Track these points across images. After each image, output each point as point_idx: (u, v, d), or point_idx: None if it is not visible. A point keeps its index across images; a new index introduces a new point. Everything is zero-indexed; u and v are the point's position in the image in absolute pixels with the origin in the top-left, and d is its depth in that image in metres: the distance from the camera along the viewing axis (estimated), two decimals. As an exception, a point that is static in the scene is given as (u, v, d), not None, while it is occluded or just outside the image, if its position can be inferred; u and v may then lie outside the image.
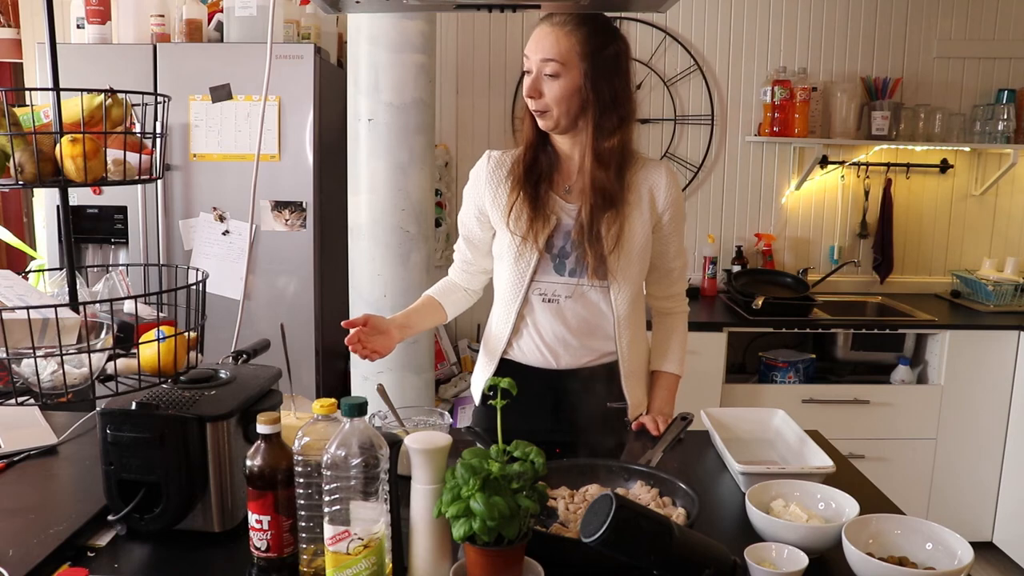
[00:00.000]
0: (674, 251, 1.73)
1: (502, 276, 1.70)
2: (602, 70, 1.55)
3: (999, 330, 3.01)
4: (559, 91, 1.54)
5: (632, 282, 1.66)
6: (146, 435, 1.17)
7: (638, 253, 1.65)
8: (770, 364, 3.17)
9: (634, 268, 1.65)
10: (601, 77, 1.55)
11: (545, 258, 1.64)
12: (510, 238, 1.64)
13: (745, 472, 1.38)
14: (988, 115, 3.37)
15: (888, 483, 1.61)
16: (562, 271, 1.64)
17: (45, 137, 1.21)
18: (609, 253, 1.60)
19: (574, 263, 1.63)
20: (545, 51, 1.53)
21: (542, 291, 1.65)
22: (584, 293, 1.65)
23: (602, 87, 1.55)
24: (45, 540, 1.15)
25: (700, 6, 3.42)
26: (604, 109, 1.56)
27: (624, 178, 1.62)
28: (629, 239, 1.63)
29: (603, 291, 1.65)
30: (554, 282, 1.65)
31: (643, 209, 1.64)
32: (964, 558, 1.08)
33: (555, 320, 1.66)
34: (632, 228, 1.63)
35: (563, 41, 1.53)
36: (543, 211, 1.62)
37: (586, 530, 1.02)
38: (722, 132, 3.52)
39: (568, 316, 1.65)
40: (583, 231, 1.60)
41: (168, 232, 2.83)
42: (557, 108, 1.55)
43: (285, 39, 2.82)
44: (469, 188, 1.72)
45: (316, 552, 1.07)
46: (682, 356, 1.78)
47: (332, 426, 1.02)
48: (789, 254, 3.60)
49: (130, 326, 1.30)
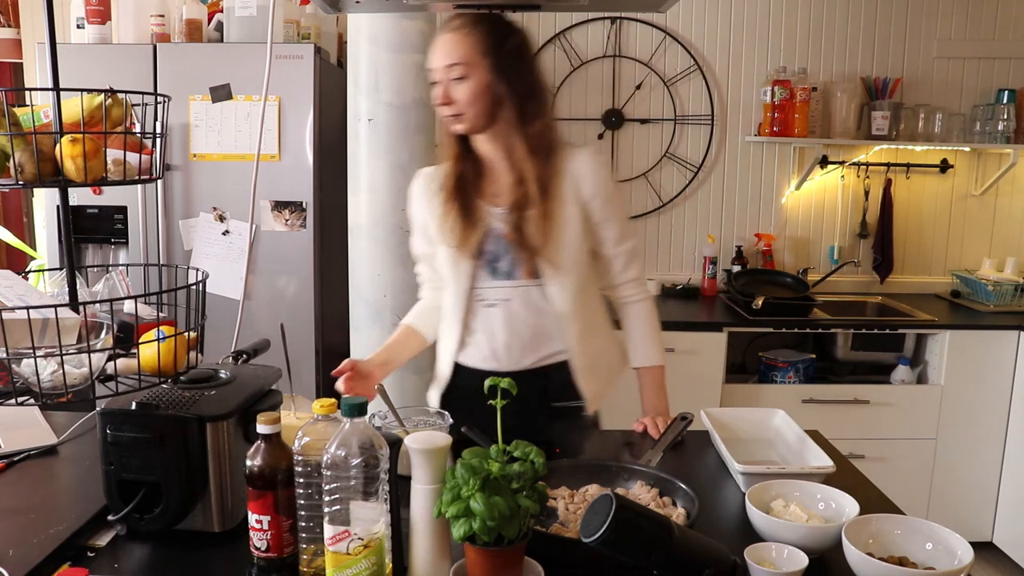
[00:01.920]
0: (614, 237, 1.69)
1: (446, 288, 1.73)
2: (508, 62, 1.57)
3: (999, 330, 3.01)
4: (469, 92, 1.56)
5: (570, 276, 1.65)
6: (146, 435, 1.17)
7: (571, 246, 1.63)
8: (770, 364, 3.17)
9: (568, 262, 1.64)
10: (509, 69, 1.57)
11: (479, 265, 1.65)
12: (445, 250, 1.67)
13: (745, 472, 1.38)
14: (988, 115, 3.37)
15: (888, 483, 1.61)
16: (498, 275, 1.65)
17: (45, 137, 1.21)
18: (540, 250, 1.60)
19: (508, 265, 1.64)
20: (447, 57, 1.55)
21: (483, 297, 1.67)
22: (524, 294, 1.65)
23: (512, 78, 1.57)
24: (45, 540, 1.15)
25: (700, 6, 3.42)
26: (520, 98, 1.58)
27: (552, 166, 1.62)
28: (558, 233, 1.61)
29: (541, 289, 1.65)
30: (493, 287, 1.66)
31: (570, 200, 1.63)
32: (964, 558, 1.08)
33: (500, 324, 1.66)
34: (561, 221, 1.61)
35: (462, 43, 1.55)
36: (472, 219, 1.64)
37: (586, 530, 1.02)
38: (722, 132, 3.52)
39: (512, 318, 1.66)
40: (512, 232, 1.61)
41: (168, 232, 2.83)
42: (471, 109, 1.57)
43: (285, 39, 2.82)
44: (409, 209, 1.77)
45: (316, 552, 1.07)
46: (657, 345, 1.74)
47: (332, 426, 1.02)
48: (789, 254, 3.60)
49: (130, 326, 1.30)
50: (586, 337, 1.69)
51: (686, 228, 3.59)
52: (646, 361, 1.74)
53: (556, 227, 1.61)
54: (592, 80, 3.46)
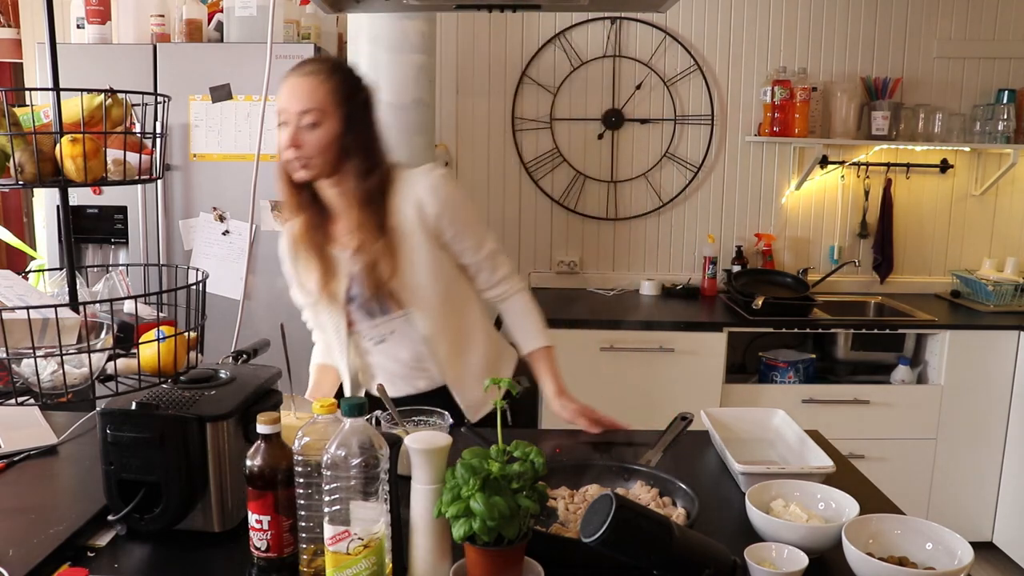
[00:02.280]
0: (473, 246, 1.72)
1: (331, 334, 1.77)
2: (358, 114, 1.61)
3: (999, 330, 3.01)
4: (321, 139, 1.57)
5: (431, 302, 1.70)
6: (146, 435, 1.17)
7: (423, 272, 1.67)
8: (770, 364, 3.17)
9: (427, 289, 1.68)
10: (358, 121, 1.61)
11: (353, 309, 1.71)
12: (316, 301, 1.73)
13: (745, 472, 1.38)
14: (988, 115, 3.37)
15: (888, 483, 1.61)
16: (374, 315, 1.71)
17: (45, 137, 1.21)
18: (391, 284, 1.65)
19: (378, 303, 1.69)
20: (302, 102, 1.55)
21: (369, 336, 1.73)
22: (402, 325, 1.71)
23: (359, 130, 1.61)
24: (45, 540, 1.15)
25: (700, 6, 3.42)
26: (364, 151, 1.61)
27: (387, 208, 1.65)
28: (407, 264, 1.66)
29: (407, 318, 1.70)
30: (375, 326, 1.72)
31: (415, 228, 1.65)
32: (964, 558, 1.08)
33: (391, 357, 1.74)
34: (408, 252, 1.65)
35: (319, 90, 1.56)
36: (330, 268, 1.69)
37: (586, 530, 1.02)
38: (722, 132, 3.52)
39: (401, 349, 1.73)
40: (364, 273, 1.65)
41: (168, 232, 2.82)
42: (319, 157, 1.58)
43: (285, 39, 2.82)
44: (283, 267, 1.79)
45: (316, 552, 1.07)
46: (539, 328, 1.77)
47: (332, 426, 1.02)
48: (789, 254, 3.60)
49: (130, 326, 1.30)
50: (457, 353, 1.75)
51: (686, 228, 3.59)
52: (534, 345, 1.76)
53: (403, 259, 1.65)
54: (592, 80, 3.46)
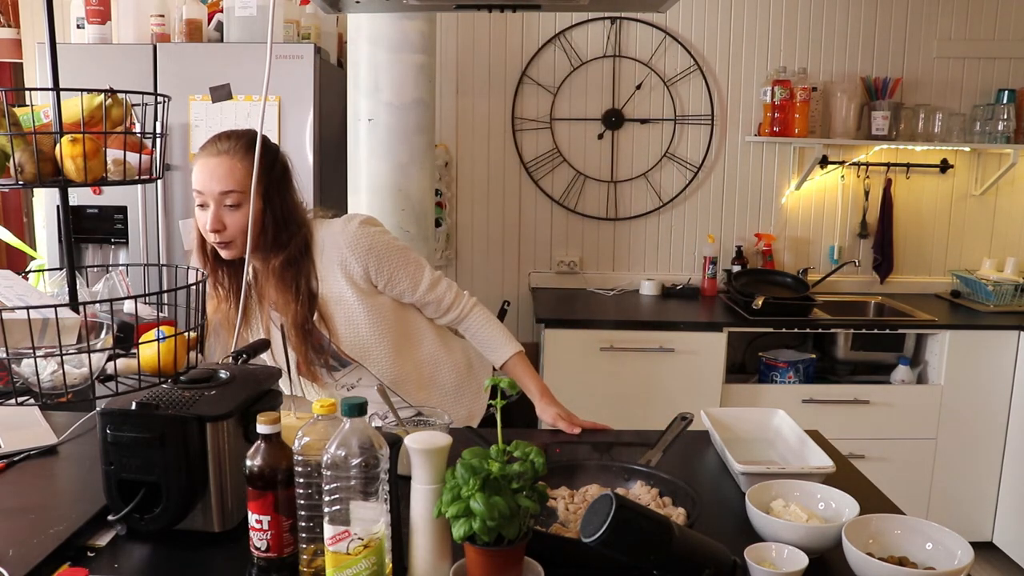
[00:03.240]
0: (411, 287, 1.71)
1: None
2: (276, 188, 1.58)
3: (999, 330, 3.01)
4: (243, 220, 1.54)
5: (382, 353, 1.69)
6: (146, 435, 1.17)
7: (368, 329, 1.66)
8: (770, 364, 3.17)
9: (374, 342, 1.67)
10: (276, 194, 1.58)
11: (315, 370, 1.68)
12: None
13: (745, 472, 1.38)
14: (988, 115, 3.37)
15: (888, 483, 1.61)
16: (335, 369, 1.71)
17: (45, 137, 1.21)
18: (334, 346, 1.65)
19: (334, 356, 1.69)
20: (223, 183, 1.53)
21: (342, 384, 1.74)
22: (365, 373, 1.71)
23: (277, 204, 1.58)
24: (45, 540, 1.15)
25: (700, 6, 3.42)
26: (281, 225, 1.59)
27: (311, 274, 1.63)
28: (348, 325, 1.65)
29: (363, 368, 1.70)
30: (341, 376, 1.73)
31: (344, 288, 1.64)
32: (964, 558, 1.08)
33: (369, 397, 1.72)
34: (345, 314, 1.64)
35: (238, 169, 1.53)
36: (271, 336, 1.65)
37: (586, 530, 1.02)
38: (722, 132, 3.52)
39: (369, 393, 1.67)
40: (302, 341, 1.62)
41: (168, 232, 2.82)
42: (242, 236, 1.55)
43: (285, 39, 2.82)
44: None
45: (316, 552, 1.07)
46: (503, 337, 1.78)
47: (332, 426, 1.02)
48: (789, 254, 3.60)
49: (130, 326, 1.30)
50: (425, 383, 1.74)
51: (686, 228, 3.59)
52: (504, 355, 1.76)
53: (339, 323, 1.64)
54: (592, 80, 3.46)
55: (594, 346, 2.97)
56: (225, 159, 1.54)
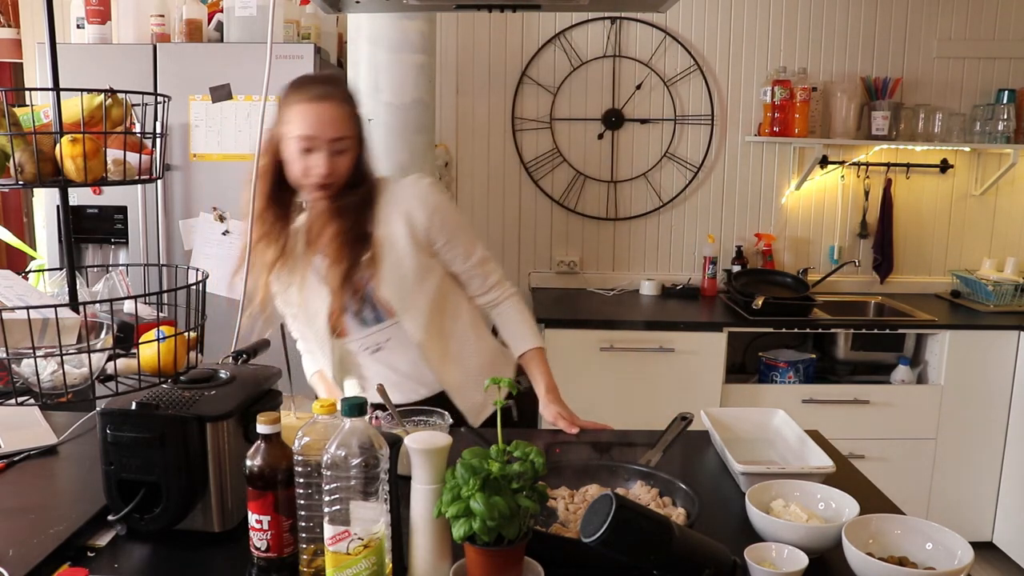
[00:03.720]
0: (463, 254, 1.74)
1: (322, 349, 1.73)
2: (365, 135, 1.64)
3: (999, 330, 3.01)
4: (348, 164, 1.59)
5: (420, 310, 1.68)
6: (146, 435, 1.17)
7: (413, 281, 1.67)
8: (770, 364, 3.17)
9: (415, 296, 1.68)
10: (365, 140, 1.64)
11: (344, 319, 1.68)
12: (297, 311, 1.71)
13: (745, 472, 1.38)
14: (988, 115, 3.37)
15: (888, 483, 1.61)
16: (367, 323, 1.69)
17: (45, 137, 1.21)
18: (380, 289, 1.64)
19: (371, 311, 1.68)
20: (337, 129, 1.56)
21: (365, 346, 1.71)
22: (397, 331, 1.69)
23: (365, 149, 1.65)
24: (45, 540, 1.15)
25: (700, 6, 3.42)
26: (363, 169, 1.64)
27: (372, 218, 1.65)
28: (395, 272, 1.65)
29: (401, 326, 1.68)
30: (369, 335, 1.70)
31: (401, 235, 1.66)
32: (964, 558, 1.08)
33: (388, 364, 1.72)
34: (396, 261, 1.65)
35: (348, 118, 1.58)
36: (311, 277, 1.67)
37: (586, 530, 1.02)
38: (722, 132, 3.52)
39: (397, 357, 1.71)
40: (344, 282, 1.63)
41: (168, 232, 2.82)
42: (342, 179, 1.60)
43: (285, 39, 2.82)
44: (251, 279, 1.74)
45: (316, 552, 1.07)
46: (531, 330, 1.80)
47: (332, 426, 1.02)
48: (789, 254, 3.60)
49: (130, 326, 1.30)
50: (452, 359, 1.74)
51: (686, 228, 3.59)
52: (525, 347, 1.78)
53: (387, 268, 1.64)
54: (592, 80, 3.46)
55: (594, 346, 2.97)
56: (333, 105, 1.56)
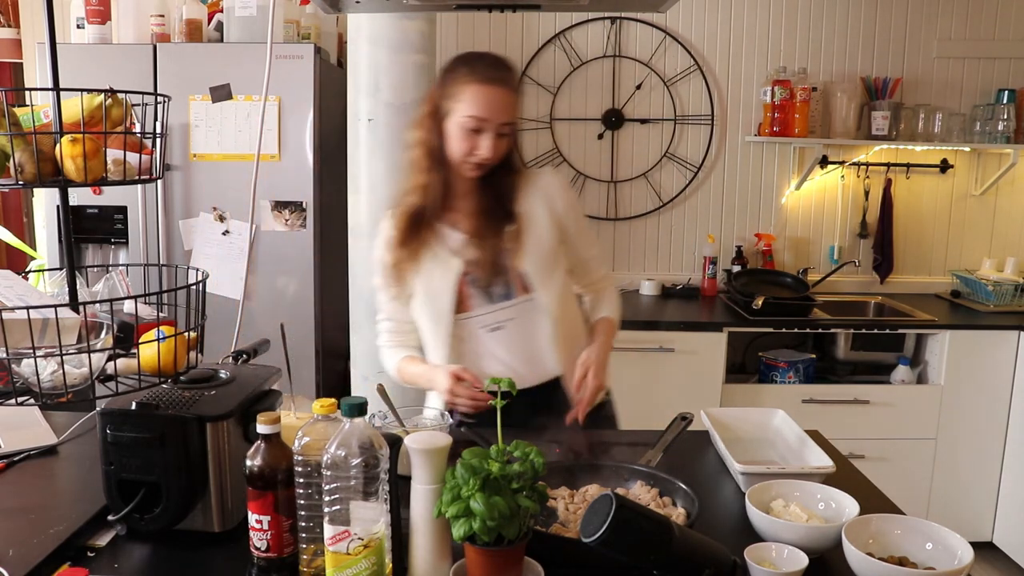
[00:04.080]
0: (587, 244, 1.82)
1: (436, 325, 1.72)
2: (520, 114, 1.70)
3: (999, 330, 3.01)
4: (507, 146, 1.65)
5: (556, 288, 1.71)
6: (146, 435, 1.17)
7: (548, 256, 1.71)
8: (770, 364, 3.17)
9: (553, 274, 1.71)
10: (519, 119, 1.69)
11: (472, 293, 1.69)
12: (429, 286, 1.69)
13: (745, 472, 1.38)
14: (988, 115, 3.37)
15: (888, 483, 1.61)
16: (495, 299, 1.70)
17: (45, 137, 1.21)
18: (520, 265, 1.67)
19: (503, 287, 1.69)
20: (507, 115, 1.61)
21: (484, 323, 1.70)
22: (523, 310, 1.70)
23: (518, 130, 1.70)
24: (45, 540, 1.15)
25: (700, 6, 3.42)
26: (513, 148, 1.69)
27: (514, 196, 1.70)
28: (535, 246, 1.69)
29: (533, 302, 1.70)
30: (494, 310, 1.69)
31: (542, 216, 1.71)
32: (964, 558, 1.08)
33: (508, 344, 1.71)
34: (536, 238, 1.69)
35: (516, 104, 1.64)
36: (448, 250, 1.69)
37: (586, 530, 1.02)
38: (722, 132, 3.52)
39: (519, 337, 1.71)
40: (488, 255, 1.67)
41: (168, 232, 2.82)
42: (497, 161, 1.65)
43: (285, 39, 2.82)
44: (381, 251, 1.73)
45: (316, 552, 1.07)
46: (615, 306, 1.84)
47: (332, 426, 1.02)
48: (789, 254, 3.60)
49: (130, 326, 1.30)
50: (571, 344, 1.74)
51: (686, 228, 3.59)
52: (603, 314, 1.82)
53: (531, 242, 1.68)
54: (592, 80, 3.46)
55: (594, 346, 2.96)
56: (508, 92, 1.61)
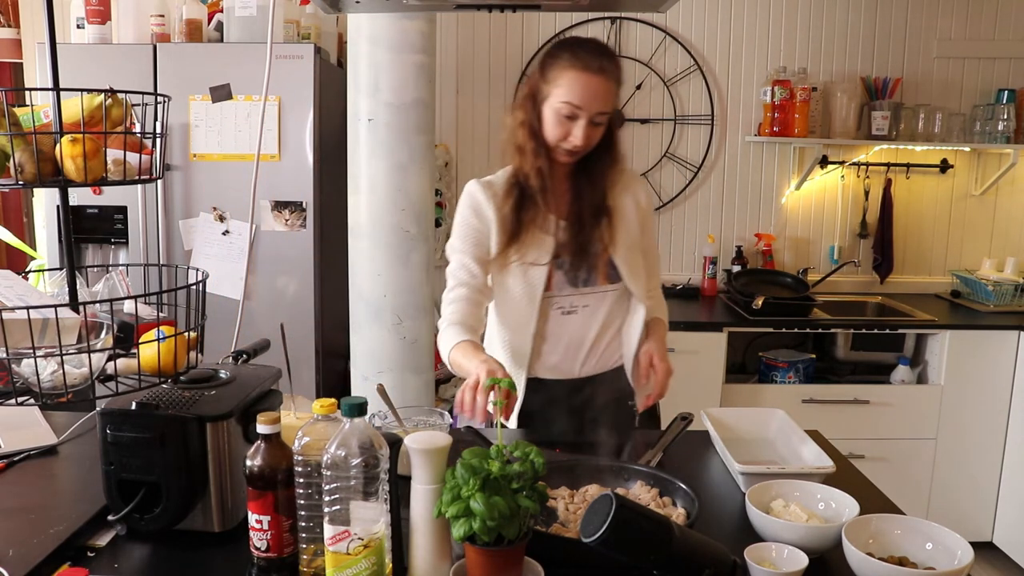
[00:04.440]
0: (652, 248, 1.86)
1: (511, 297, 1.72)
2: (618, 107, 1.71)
3: (999, 330, 3.01)
4: (600, 135, 1.64)
5: (640, 280, 1.75)
6: (146, 435, 1.17)
7: (635, 249, 1.75)
8: (770, 364, 3.17)
9: (638, 268, 1.75)
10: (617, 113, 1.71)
11: (558, 274, 1.70)
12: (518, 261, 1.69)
13: (745, 472, 1.38)
14: (988, 115, 3.37)
15: (888, 483, 1.61)
16: (578, 283, 1.71)
17: (45, 137, 1.21)
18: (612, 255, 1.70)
19: (587, 273, 1.71)
20: (603, 105, 1.59)
21: (560, 304, 1.71)
22: (602, 299, 1.73)
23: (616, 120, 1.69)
24: (45, 540, 1.15)
25: (700, 6, 3.42)
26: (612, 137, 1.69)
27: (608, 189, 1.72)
28: (627, 238, 1.73)
29: (617, 293, 1.74)
30: (573, 295, 1.71)
31: (631, 209, 1.75)
32: (964, 558, 1.08)
33: (579, 329, 1.72)
34: (626, 231, 1.73)
35: (614, 93, 1.61)
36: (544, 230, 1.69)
37: (586, 530, 1.02)
38: (722, 132, 3.52)
39: (592, 324, 1.73)
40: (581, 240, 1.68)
41: (168, 232, 2.82)
42: (591, 147, 1.64)
43: (285, 39, 2.82)
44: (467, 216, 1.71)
45: (316, 552, 1.07)
46: (665, 313, 1.86)
47: (332, 426, 1.02)
48: (789, 254, 3.60)
49: (130, 326, 1.30)
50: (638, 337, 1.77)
51: (686, 228, 3.59)
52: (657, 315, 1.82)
53: (623, 235, 1.72)
54: (592, 80, 3.45)
55: (594, 346, 2.96)
56: (605, 80, 1.58)
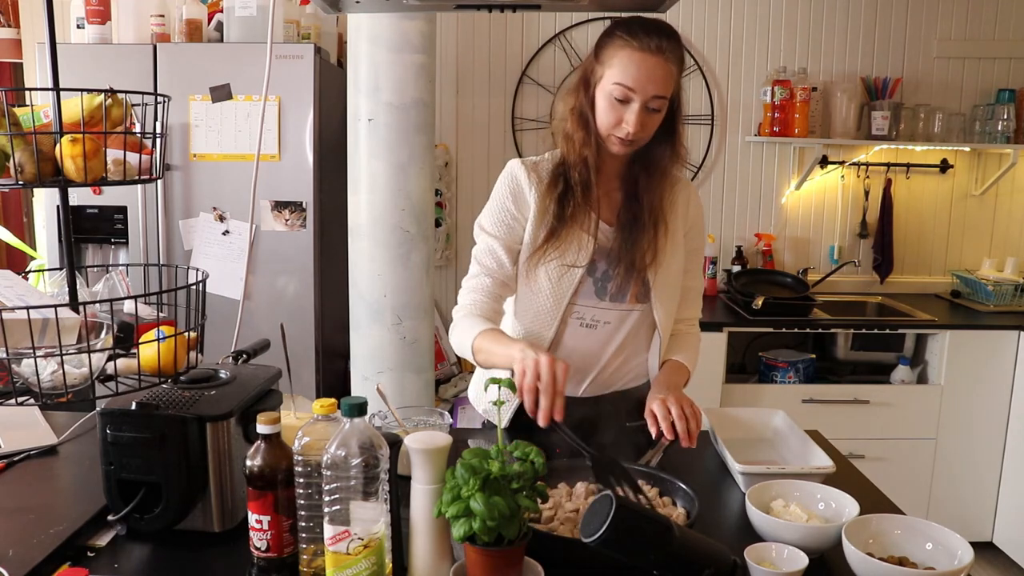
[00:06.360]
0: (695, 270, 1.68)
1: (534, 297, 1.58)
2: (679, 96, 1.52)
3: (999, 330, 3.01)
4: (656, 123, 1.48)
5: (670, 305, 1.60)
6: (146, 435, 1.17)
7: (675, 269, 1.60)
8: (770, 364, 3.17)
9: (673, 292, 1.61)
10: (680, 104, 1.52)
11: (587, 282, 1.56)
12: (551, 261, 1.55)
13: (745, 472, 1.38)
14: (988, 115, 3.37)
15: (888, 483, 1.61)
16: (604, 296, 1.57)
17: (45, 137, 1.21)
18: (649, 270, 1.54)
19: (616, 288, 1.56)
20: (659, 88, 1.43)
21: (582, 315, 1.57)
22: (625, 318, 1.58)
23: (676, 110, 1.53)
24: (45, 540, 1.15)
25: (700, 6, 3.42)
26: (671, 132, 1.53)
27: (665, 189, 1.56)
28: (667, 255, 1.57)
29: (643, 314, 1.59)
30: (597, 307, 1.57)
31: (679, 225, 1.59)
32: (964, 558, 1.08)
33: (597, 345, 1.59)
34: (670, 244, 1.57)
35: (673, 78, 1.46)
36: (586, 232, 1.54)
37: (586, 530, 1.02)
38: (722, 132, 3.52)
39: (599, 343, 1.59)
40: (624, 250, 1.53)
41: (168, 232, 2.82)
42: (646, 138, 1.49)
43: (285, 39, 2.82)
44: (504, 198, 1.57)
45: (316, 552, 1.07)
46: (693, 357, 1.68)
47: (332, 426, 1.02)
48: (789, 254, 3.60)
49: (130, 326, 1.30)
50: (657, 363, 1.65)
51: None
52: (678, 357, 1.65)
53: (666, 249, 1.56)
54: (592, 80, 3.45)
55: (594, 346, 2.96)
56: (663, 61, 1.43)
